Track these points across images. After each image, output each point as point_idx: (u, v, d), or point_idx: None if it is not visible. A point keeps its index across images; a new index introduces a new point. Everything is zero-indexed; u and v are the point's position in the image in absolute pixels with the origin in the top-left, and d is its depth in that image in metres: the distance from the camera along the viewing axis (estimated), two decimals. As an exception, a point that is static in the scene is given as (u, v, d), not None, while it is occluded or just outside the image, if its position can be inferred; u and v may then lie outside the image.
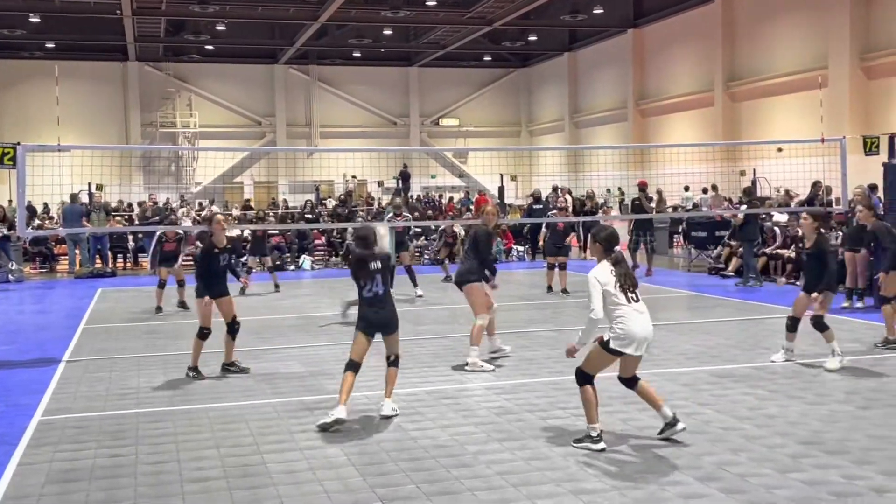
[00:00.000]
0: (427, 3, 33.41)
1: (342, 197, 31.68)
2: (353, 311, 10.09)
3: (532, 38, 42.77)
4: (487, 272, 9.33)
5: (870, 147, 12.60)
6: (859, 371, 8.47)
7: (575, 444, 6.18)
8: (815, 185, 17.66)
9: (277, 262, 19.86)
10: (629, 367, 6.29)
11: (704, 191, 27.63)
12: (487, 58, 47.58)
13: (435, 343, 10.66)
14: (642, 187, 18.72)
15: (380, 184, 33.99)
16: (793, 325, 8.87)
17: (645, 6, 38.25)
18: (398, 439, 6.50)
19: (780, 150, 22.97)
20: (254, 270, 18.74)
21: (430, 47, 43.04)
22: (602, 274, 6.15)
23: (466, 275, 9.23)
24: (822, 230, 9.02)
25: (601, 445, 6.09)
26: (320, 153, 37.57)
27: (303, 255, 22.08)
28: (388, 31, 39.53)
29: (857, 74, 28.57)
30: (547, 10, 36.27)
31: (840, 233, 14.46)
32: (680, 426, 6.22)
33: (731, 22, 34.20)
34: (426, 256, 22.64)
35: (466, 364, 8.94)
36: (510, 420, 6.97)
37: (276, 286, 16.51)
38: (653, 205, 19.08)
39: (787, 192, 20.28)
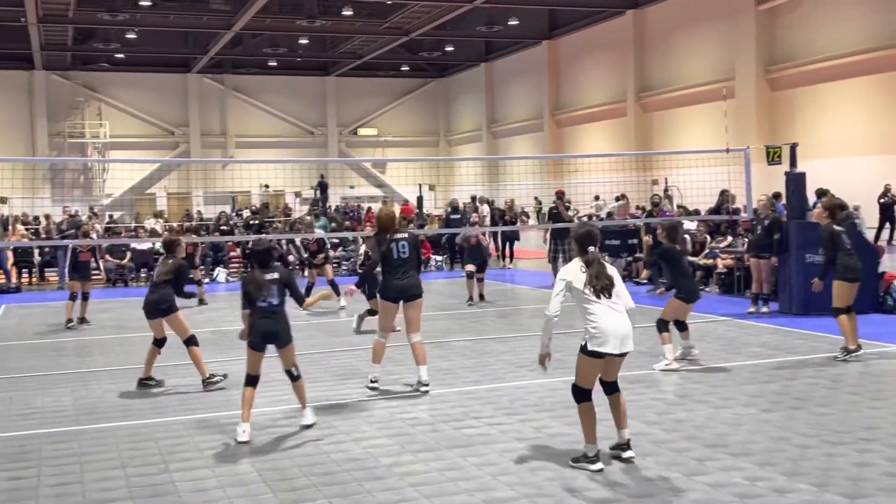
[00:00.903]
0: (343, 13, 33.32)
1: (253, 208, 31.26)
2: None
3: (449, 48, 43.07)
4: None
5: (772, 157, 13.02)
6: (763, 375, 8.71)
7: (572, 464, 5.91)
8: (723, 193, 18.16)
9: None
10: (612, 369, 6.04)
11: (617, 199, 28.08)
12: (405, 68, 47.70)
13: (349, 355, 10.59)
14: (560, 196, 18.96)
15: (297, 194, 33.68)
16: (679, 326, 9.46)
17: (559, 18, 38.86)
18: (310, 454, 6.43)
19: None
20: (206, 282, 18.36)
21: (347, 57, 42.93)
22: (570, 272, 5.99)
23: (418, 288, 8.39)
24: (673, 239, 9.56)
25: (598, 466, 5.81)
26: (236, 164, 37.06)
27: (217, 268, 21.72)
28: (304, 41, 39.30)
29: (763, 86, 29.54)
30: (463, 21, 36.57)
31: (746, 240, 14.89)
32: (627, 454, 5.99)
33: (642, 34, 35.00)
34: (344, 267, 22.52)
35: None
36: (424, 431, 6.97)
37: (202, 300, 16.30)
38: (570, 213, 19.34)
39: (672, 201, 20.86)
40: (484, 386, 8.59)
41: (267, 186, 36.36)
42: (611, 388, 6.10)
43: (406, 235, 8.42)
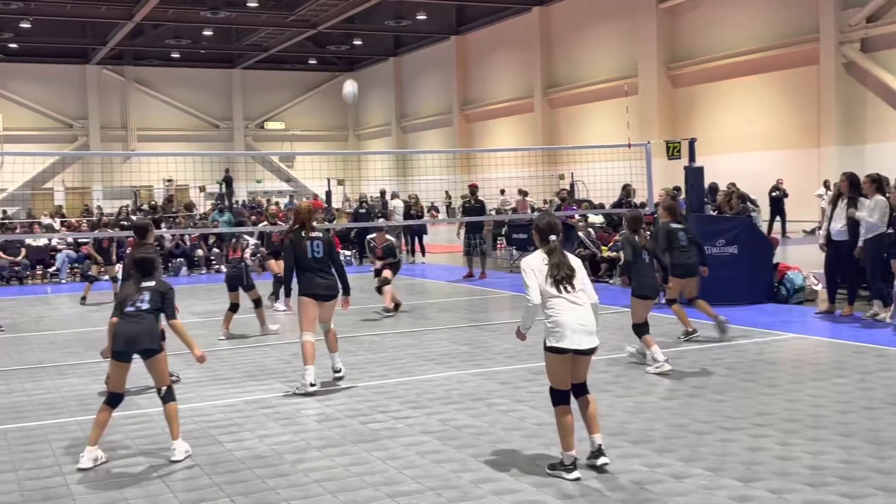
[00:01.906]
0: (248, 4, 32.80)
1: (153, 203, 30.51)
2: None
3: (357, 42, 42.87)
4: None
5: (672, 151, 13.35)
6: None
7: (549, 471, 5.59)
8: (625, 187, 18.55)
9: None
10: (579, 368, 5.72)
11: (520, 192, 28.39)
12: (313, 61, 47.28)
13: (256, 351, 10.45)
14: (473, 190, 19.08)
15: (201, 189, 33.02)
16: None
17: (467, 14, 39.07)
18: (213, 453, 6.31)
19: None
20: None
21: (252, 49, 42.29)
22: (533, 261, 5.74)
23: (335, 289, 8.41)
24: (635, 231, 9.04)
25: (575, 475, 5.47)
26: (138, 157, 36.12)
27: (118, 265, 21.10)
28: (208, 32, 38.54)
29: (664, 83, 30.29)
30: (371, 15, 36.44)
31: (648, 233, 15.23)
32: (601, 461, 5.63)
33: (549, 31, 35.47)
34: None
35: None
36: (331, 427, 6.92)
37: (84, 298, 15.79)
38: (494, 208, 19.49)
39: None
40: (391, 380, 8.58)
41: (170, 181, 35.53)
42: (579, 391, 5.76)
43: (320, 235, 8.41)
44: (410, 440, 6.47)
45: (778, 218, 24.19)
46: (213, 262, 22.14)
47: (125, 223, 24.30)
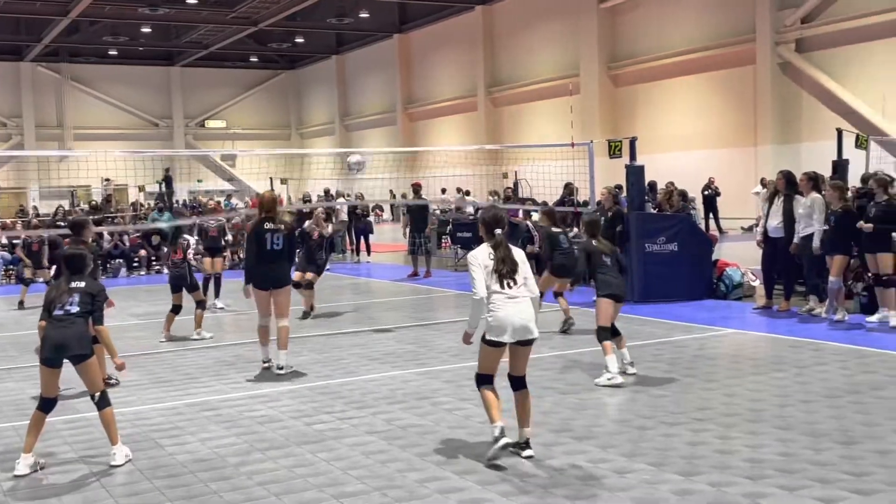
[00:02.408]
0: (188, 1, 32.34)
1: (93, 202, 29.91)
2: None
3: (299, 39, 42.55)
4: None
5: (613, 150, 13.49)
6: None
7: (487, 461, 5.74)
8: (567, 186, 18.71)
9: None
10: (517, 361, 5.96)
11: (458, 191, 28.53)
12: (254, 59, 46.82)
13: (197, 354, 10.30)
14: (416, 189, 19.06)
15: (140, 188, 32.47)
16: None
17: (410, 12, 39.04)
18: (154, 457, 6.21)
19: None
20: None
21: (192, 47, 41.71)
22: (479, 255, 5.88)
23: (287, 277, 9.04)
24: (592, 235, 8.62)
25: (503, 442, 5.70)
26: (75, 157, 35.33)
27: (54, 266, 20.64)
28: (146, 29, 37.92)
29: (606, 82, 30.61)
30: (314, 13, 36.20)
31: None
32: (527, 453, 5.83)
33: (492, 30, 35.61)
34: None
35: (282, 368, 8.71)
36: (274, 428, 6.85)
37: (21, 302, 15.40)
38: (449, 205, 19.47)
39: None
40: (336, 380, 8.53)
41: (108, 180, 34.87)
42: (517, 384, 6.00)
43: (282, 227, 8.83)
44: (355, 440, 6.44)
45: (711, 215, 24.67)
46: (155, 263, 21.78)
47: (62, 223, 23.79)
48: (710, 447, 5.97)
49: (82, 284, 6.21)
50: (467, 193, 25.72)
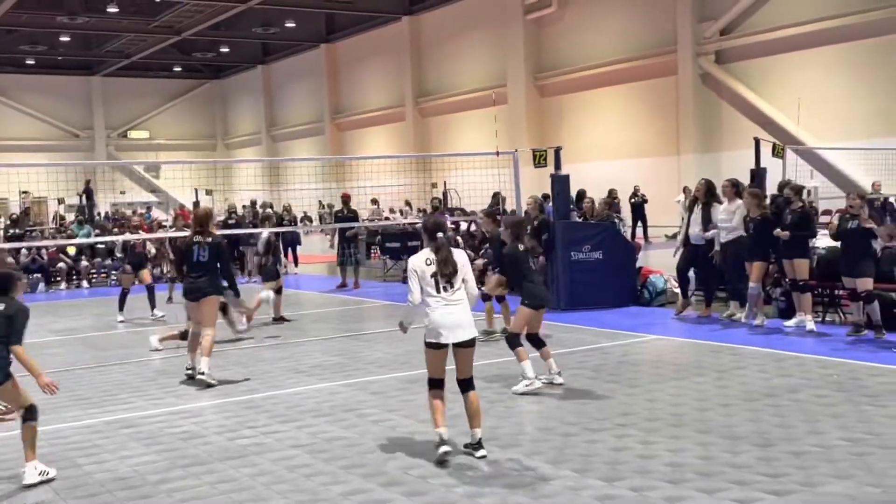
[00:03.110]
0: (108, 10, 31.65)
1: (14, 216, 29.04)
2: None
3: (224, 49, 42.03)
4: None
5: (538, 160, 13.61)
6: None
7: (436, 461, 5.92)
8: (495, 195, 18.81)
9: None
10: (460, 363, 6.14)
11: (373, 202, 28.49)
12: (178, 68, 46.07)
13: (117, 369, 10.06)
14: (345, 200, 18.98)
15: (60, 201, 31.65)
16: (535, 342, 8.16)
17: (336, 22, 38.91)
18: (70, 476, 6.02)
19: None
20: None
21: (113, 56, 40.88)
22: (417, 261, 6.11)
23: (208, 288, 9.11)
24: (518, 238, 8.25)
25: (444, 448, 5.90)
26: (-9, 168, 34.27)
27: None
28: (65, 38, 37.03)
29: (532, 92, 30.93)
30: (239, 22, 35.81)
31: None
32: (480, 453, 6.00)
33: (419, 40, 35.70)
34: (114, 277, 21.44)
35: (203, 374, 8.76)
36: (196, 444, 6.72)
37: None
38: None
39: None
40: (260, 394, 8.41)
41: (26, 193, 33.88)
42: (465, 387, 6.19)
43: (210, 240, 9.08)
44: (279, 455, 6.35)
45: (640, 223, 25.10)
46: (76, 277, 21.25)
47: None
48: (633, 452, 6.05)
49: (2, 307, 5.91)
50: (375, 202, 25.66)
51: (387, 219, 23.84)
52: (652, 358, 9.72)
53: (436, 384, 6.11)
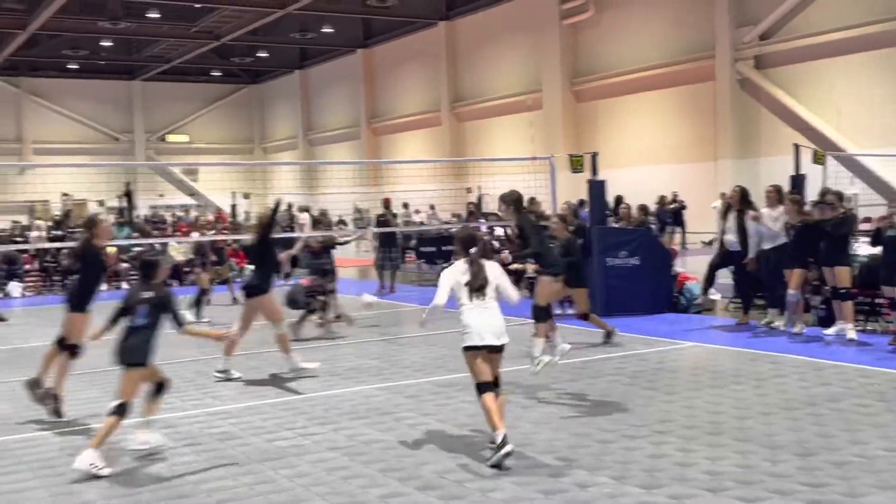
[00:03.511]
0: (149, 15, 32.07)
1: (57, 217, 29.53)
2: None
3: (262, 54, 42.35)
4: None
5: (575, 165, 13.59)
6: (568, 374, 9.05)
7: (489, 464, 5.96)
8: (531, 200, 18.77)
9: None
10: (490, 364, 6.31)
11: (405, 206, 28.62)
12: (217, 73, 46.54)
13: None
14: (387, 204, 19.10)
15: (101, 203, 32.12)
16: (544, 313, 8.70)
17: (373, 27, 39.07)
18: (111, 475, 6.11)
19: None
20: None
21: (154, 61, 41.39)
22: (451, 272, 6.44)
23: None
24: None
25: (508, 448, 5.91)
26: (33, 170, 34.93)
27: (11, 282, 20.34)
28: (107, 43, 37.53)
29: (568, 97, 30.83)
30: (277, 27, 36.10)
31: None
32: (506, 449, 5.94)
33: (455, 45, 35.74)
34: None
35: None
36: (234, 445, 6.79)
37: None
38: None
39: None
40: (298, 396, 8.48)
41: (67, 195, 34.43)
42: (494, 384, 6.37)
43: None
44: (317, 457, 6.39)
45: (679, 229, 24.94)
46: (116, 278, 21.53)
47: (19, 240, 23.47)
48: (671, 460, 6.02)
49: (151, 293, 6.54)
50: (432, 207, 25.74)
51: (445, 223, 23.87)
52: (689, 365, 9.65)
53: (485, 388, 6.20)
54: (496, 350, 6.29)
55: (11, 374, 10.17)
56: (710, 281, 12.22)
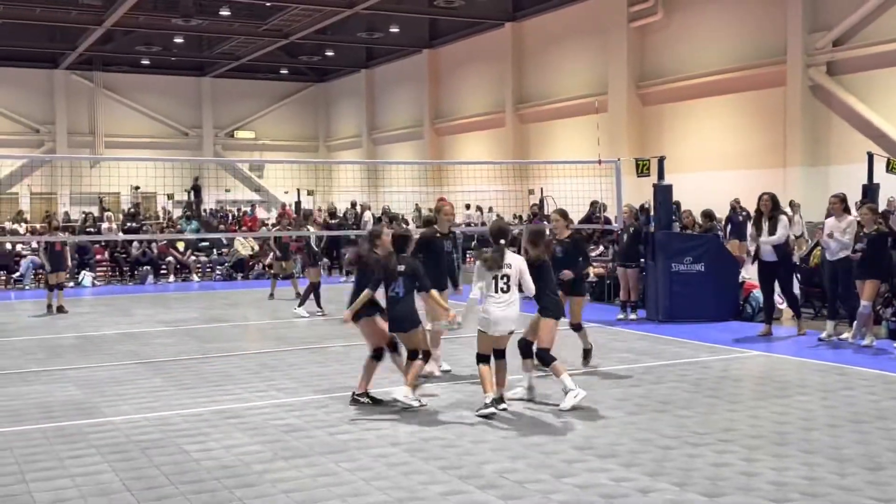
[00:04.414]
0: (221, 13, 32.64)
1: (130, 210, 30.29)
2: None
3: (329, 53, 42.78)
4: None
5: (641, 169, 13.48)
6: (630, 380, 9.01)
7: (476, 414, 7.35)
8: (593, 204, 18.69)
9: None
10: (501, 342, 7.56)
11: (490, 209, 28.59)
12: (284, 71, 47.11)
13: (223, 361, 10.38)
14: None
15: (169, 196, 32.81)
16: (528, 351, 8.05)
17: (440, 28, 39.17)
18: (178, 462, 6.26)
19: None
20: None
21: (224, 58, 42.09)
22: (480, 265, 7.49)
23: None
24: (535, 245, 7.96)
25: (502, 406, 7.44)
26: (105, 163, 35.80)
27: (83, 272, 20.91)
28: (179, 40, 38.28)
29: (634, 101, 30.55)
30: (344, 27, 36.43)
31: (613, 249, 15.37)
32: (502, 406, 7.45)
33: (521, 46, 35.66)
34: (217, 272, 22.15)
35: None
36: (298, 437, 6.89)
37: (60, 307, 15.46)
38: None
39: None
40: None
41: (137, 188, 35.24)
42: (499, 355, 7.58)
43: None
44: (379, 451, 6.46)
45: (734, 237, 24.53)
46: (185, 271, 22.03)
47: (91, 230, 24.11)
48: (735, 469, 5.94)
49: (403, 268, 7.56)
50: (489, 210, 25.73)
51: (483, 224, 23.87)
52: (754, 374, 9.51)
53: (483, 359, 7.50)
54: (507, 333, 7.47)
55: (82, 361, 10.48)
56: (770, 303, 12.06)
